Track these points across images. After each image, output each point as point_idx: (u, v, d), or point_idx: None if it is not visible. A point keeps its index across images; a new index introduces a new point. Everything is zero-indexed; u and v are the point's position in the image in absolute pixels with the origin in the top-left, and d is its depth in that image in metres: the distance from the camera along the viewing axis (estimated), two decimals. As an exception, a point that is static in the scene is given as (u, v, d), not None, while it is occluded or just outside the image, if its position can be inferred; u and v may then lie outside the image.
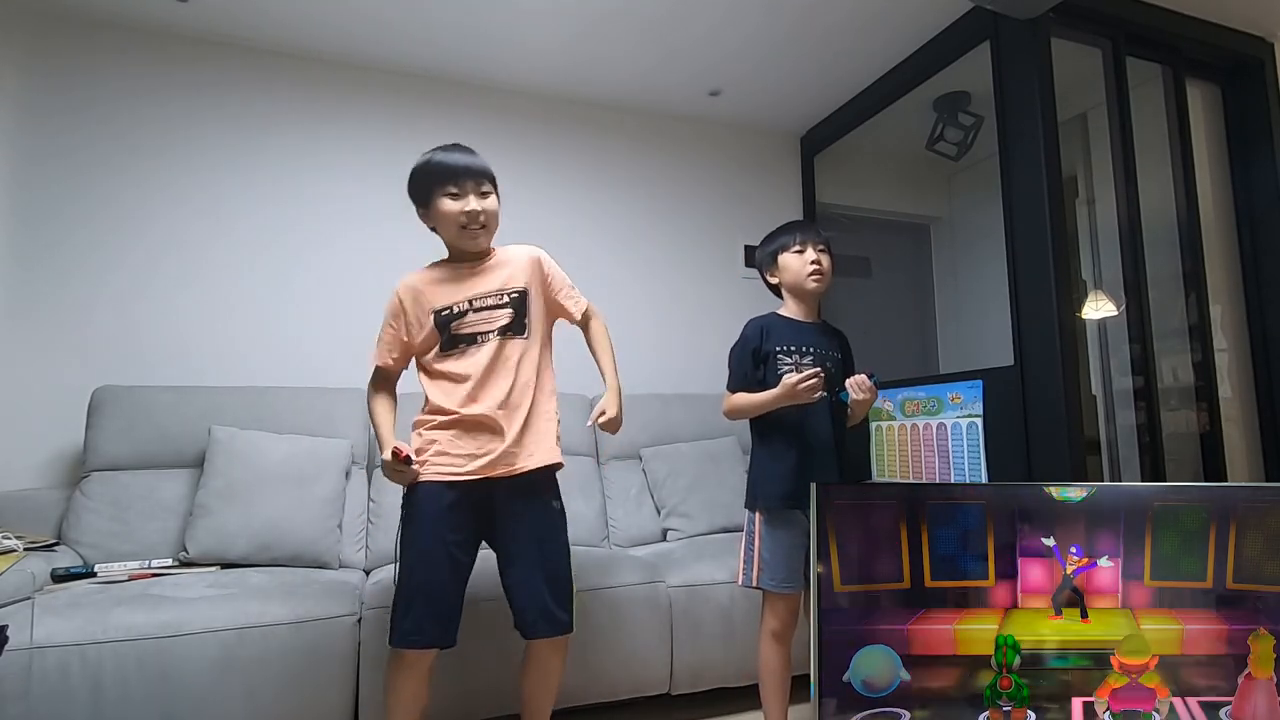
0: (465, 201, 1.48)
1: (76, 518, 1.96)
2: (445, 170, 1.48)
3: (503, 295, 1.52)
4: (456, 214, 1.48)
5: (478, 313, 1.50)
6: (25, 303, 2.20)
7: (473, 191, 1.49)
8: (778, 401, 1.58)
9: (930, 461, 2.37)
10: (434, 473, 1.44)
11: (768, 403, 1.59)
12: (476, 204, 1.48)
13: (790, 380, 1.54)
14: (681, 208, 3.11)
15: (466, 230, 1.49)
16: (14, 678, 1.38)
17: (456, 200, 1.48)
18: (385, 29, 2.44)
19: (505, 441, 1.45)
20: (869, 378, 1.61)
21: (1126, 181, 2.30)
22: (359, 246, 2.60)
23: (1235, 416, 2.47)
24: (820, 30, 2.49)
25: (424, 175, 1.51)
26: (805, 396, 1.55)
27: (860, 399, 1.62)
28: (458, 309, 1.50)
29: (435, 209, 1.50)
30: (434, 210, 1.50)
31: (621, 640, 1.87)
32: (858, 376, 1.62)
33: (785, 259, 1.70)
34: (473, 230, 1.49)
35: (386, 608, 1.68)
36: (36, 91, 2.26)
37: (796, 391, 1.54)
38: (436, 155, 1.51)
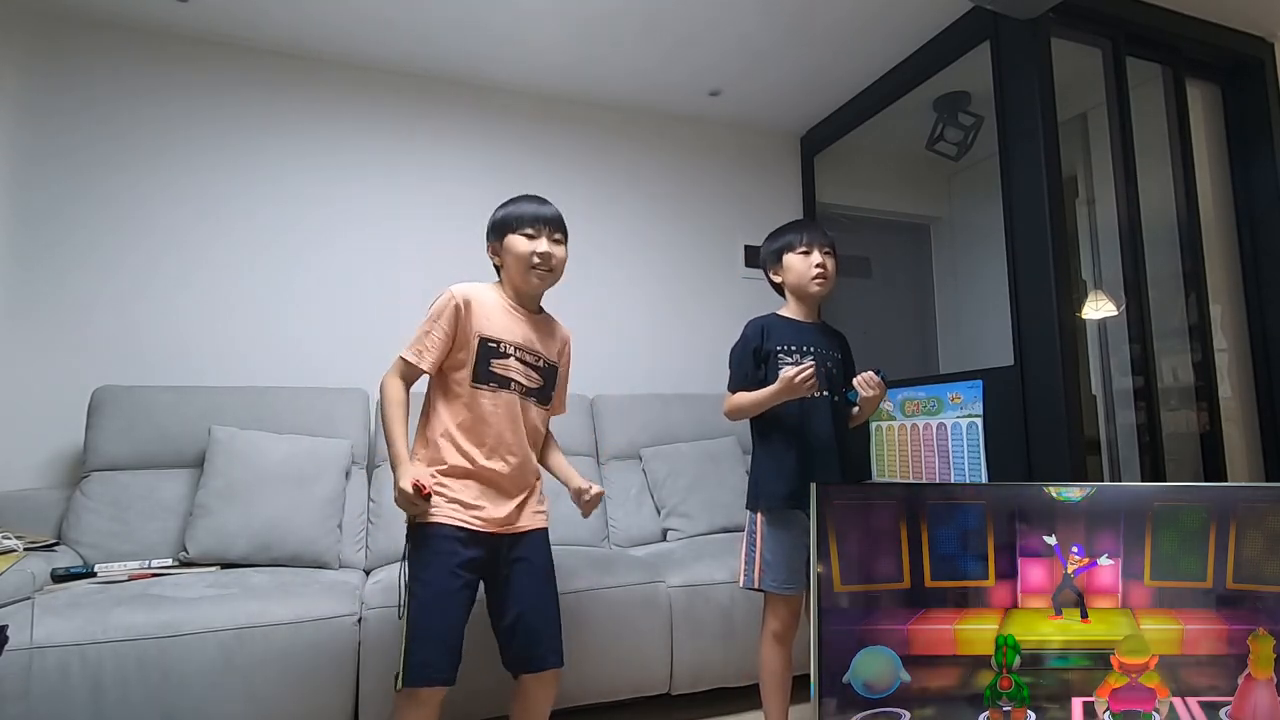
0: (539, 243, 1.51)
1: (76, 518, 1.96)
2: (526, 216, 1.52)
3: (542, 360, 1.56)
4: (528, 253, 1.50)
5: (520, 362, 1.52)
6: (25, 303, 2.20)
7: (547, 236, 1.52)
8: (777, 397, 1.57)
9: (930, 461, 2.37)
10: (447, 516, 1.43)
11: (767, 399, 1.59)
12: (548, 247, 1.52)
13: (788, 374, 1.54)
14: (681, 208, 3.11)
15: (534, 270, 1.51)
16: (14, 678, 1.38)
17: (530, 240, 1.51)
18: (385, 29, 2.45)
19: (512, 505, 1.49)
20: (876, 374, 1.62)
21: (1126, 181, 2.30)
22: (359, 246, 2.60)
23: (1235, 416, 2.47)
24: (820, 30, 2.49)
25: (511, 210, 1.54)
26: (802, 390, 1.54)
27: (870, 395, 1.63)
28: (504, 348, 1.50)
29: (507, 244, 1.52)
30: (506, 244, 1.52)
31: (621, 640, 1.87)
32: (866, 374, 1.63)
33: (790, 259, 1.70)
34: (540, 271, 1.52)
35: (387, 608, 1.69)
36: (36, 91, 2.26)
37: (794, 385, 1.53)
38: (521, 203, 1.55)
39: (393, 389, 1.47)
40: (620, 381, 2.81)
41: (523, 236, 1.51)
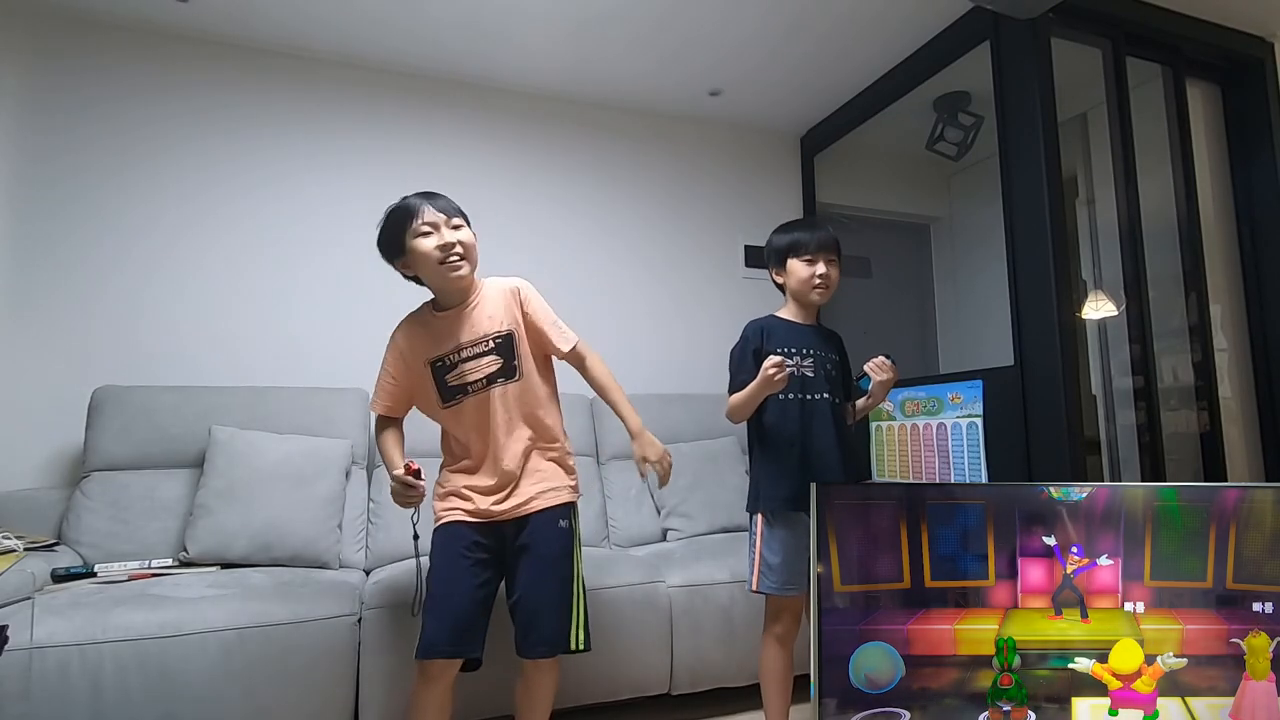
0: (440, 235, 1.45)
1: (76, 518, 1.96)
2: (411, 210, 1.46)
3: (487, 341, 1.51)
4: (432, 250, 1.44)
5: (466, 362, 1.50)
6: (25, 303, 2.20)
7: (444, 225, 1.46)
8: (761, 391, 1.56)
9: (930, 461, 2.37)
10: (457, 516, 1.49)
11: (754, 394, 1.58)
12: (451, 235, 1.46)
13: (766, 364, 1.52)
14: (681, 208, 3.11)
15: (446, 264, 1.45)
16: (14, 678, 1.38)
17: (429, 237, 1.45)
18: (385, 29, 2.45)
19: (512, 492, 1.50)
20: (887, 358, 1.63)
21: (1126, 181, 2.30)
22: (359, 246, 2.58)
23: (1235, 416, 2.48)
24: (820, 30, 2.49)
25: (391, 223, 1.48)
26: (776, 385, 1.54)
27: (882, 379, 1.64)
28: (450, 360, 1.50)
29: (411, 251, 1.46)
30: (409, 254, 1.46)
31: (621, 640, 1.87)
32: (877, 358, 1.64)
33: (794, 264, 1.69)
34: (453, 263, 1.45)
35: (387, 608, 1.69)
36: (37, 91, 2.26)
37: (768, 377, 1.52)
38: (401, 202, 1.50)
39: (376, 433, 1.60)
40: (620, 381, 2.79)
41: (420, 237, 1.45)
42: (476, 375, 1.50)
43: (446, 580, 1.44)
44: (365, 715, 1.65)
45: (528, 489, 1.51)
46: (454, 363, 1.50)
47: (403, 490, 1.42)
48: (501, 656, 1.56)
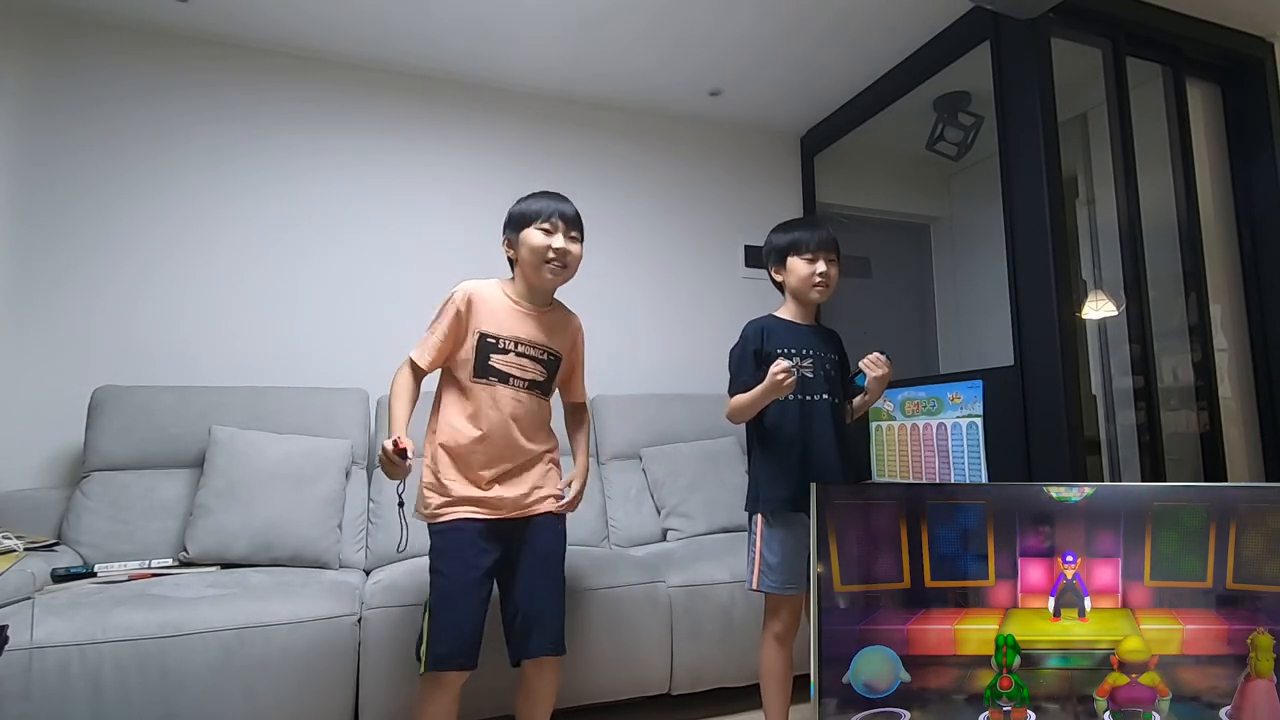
0: (554, 238, 1.52)
1: (76, 518, 1.96)
2: (549, 208, 1.54)
3: (545, 351, 1.57)
4: (544, 248, 1.51)
5: (519, 356, 1.54)
6: (26, 303, 2.20)
7: (563, 232, 1.53)
8: (767, 395, 1.56)
9: (930, 461, 2.37)
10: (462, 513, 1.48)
11: (759, 396, 1.58)
12: (564, 243, 1.53)
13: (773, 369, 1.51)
14: (681, 208, 3.11)
15: (548, 265, 1.52)
16: (14, 678, 1.38)
17: (547, 235, 1.52)
18: (385, 29, 2.45)
19: (517, 489, 1.52)
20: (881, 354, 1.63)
21: (1126, 181, 2.30)
22: (359, 246, 2.60)
23: (1235, 416, 2.48)
24: (820, 30, 2.49)
25: (531, 203, 1.56)
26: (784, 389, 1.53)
27: (878, 374, 1.64)
28: (504, 344, 1.53)
29: (523, 238, 1.52)
30: (521, 239, 1.53)
31: (621, 640, 1.87)
32: (872, 355, 1.63)
33: (794, 262, 1.69)
34: (554, 267, 1.53)
35: (387, 608, 1.69)
36: (37, 91, 2.26)
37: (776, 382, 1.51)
38: (540, 199, 1.56)
39: (398, 380, 1.53)
40: (620, 381, 2.80)
41: (539, 231, 1.52)
42: (522, 374, 1.54)
43: (459, 588, 1.44)
44: (365, 715, 1.65)
45: (532, 493, 1.53)
46: (506, 349, 1.52)
47: (389, 464, 1.41)
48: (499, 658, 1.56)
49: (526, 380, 1.54)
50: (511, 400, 1.52)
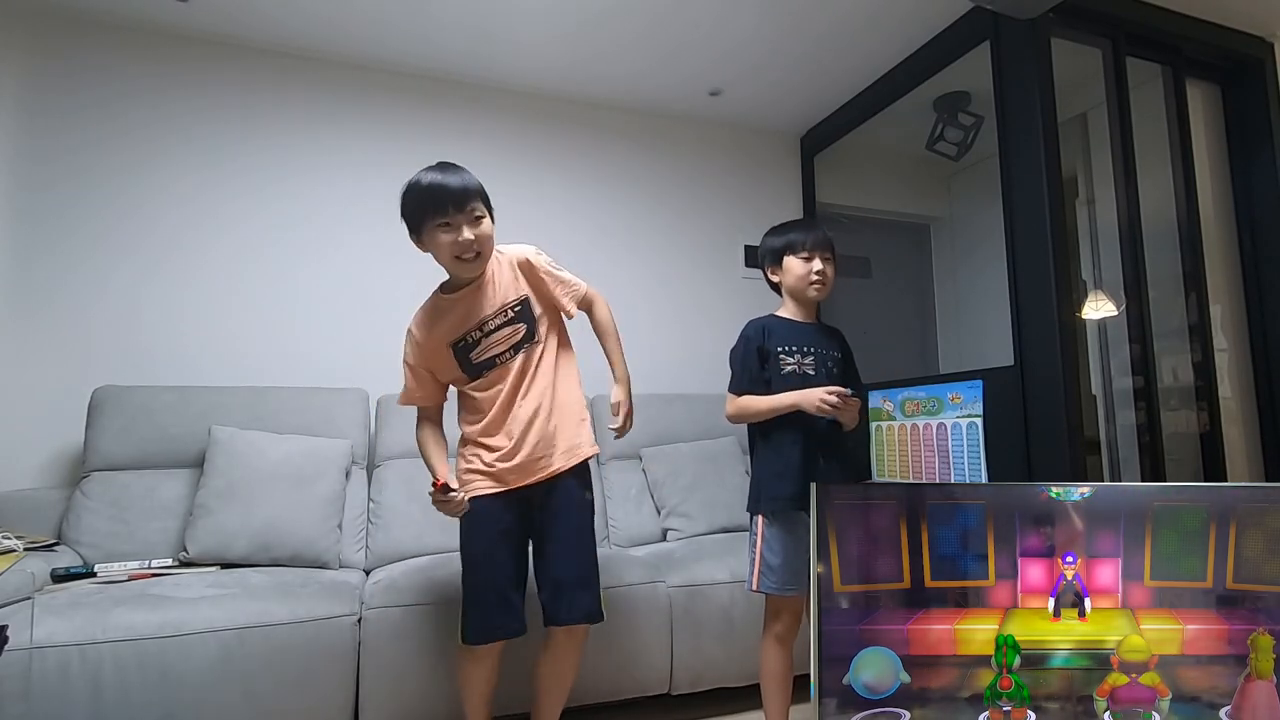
0: (458, 232, 1.45)
1: (76, 518, 1.96)
2: (435, 200, 1.44)
3: (506, 311, 1.54)
4: (450, 244, 1.46)
5: (489, 335, 1.53)
6: (26, 303, 2.20)
7: (465, 221, 1.45)
8: (792, 406, 1.57)
9: (930, 461, 2.37)
10: (480, 489, 1.50)
11: (782, 406, 1.59)
12: (469, 233, 1.45)
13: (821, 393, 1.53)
14: (681, 208, 3.11)
15: (461, 260, 1.48)
16: (14, 678, 1.38)
17: (449, 231, 1.45)
18: (385, 29, 2.45)
19: (534, 449, 1.51)
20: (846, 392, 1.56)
21: (1126, 181, 2.30)
22: (359, 246, 2.60)
23: (1235, 416, 2.47)
24: (820, 30, 2.49)
25: (415, 203, 1.47)
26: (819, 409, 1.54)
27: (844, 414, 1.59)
28: (472, 338, 1.53)
29: (429, 241, 1.49)
30: (426, 242, 1.50)
31: (621, 640, 1.87)
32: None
33: (790, 262, 1.69)
34: (467, 259, 1.49)
35: (387, 608, 1.69)
36: (37, 92, 2.26)
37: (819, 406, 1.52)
38: (425, 178, 1.46)
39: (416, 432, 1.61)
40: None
41: (440, 229, 1.45)
42: (503, 346, 1.53)
43: (485, 564, 1.49)
44: (365, 715, 1.65)
45: (550, 450, 1.53)
46: (477, 339, 1.53)
47: (442, 505, 1.45)
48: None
49: (510, 347, 1.53)
50: (505, 373, 1.52)
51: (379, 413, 2.37)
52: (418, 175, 1.48)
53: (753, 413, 1.64)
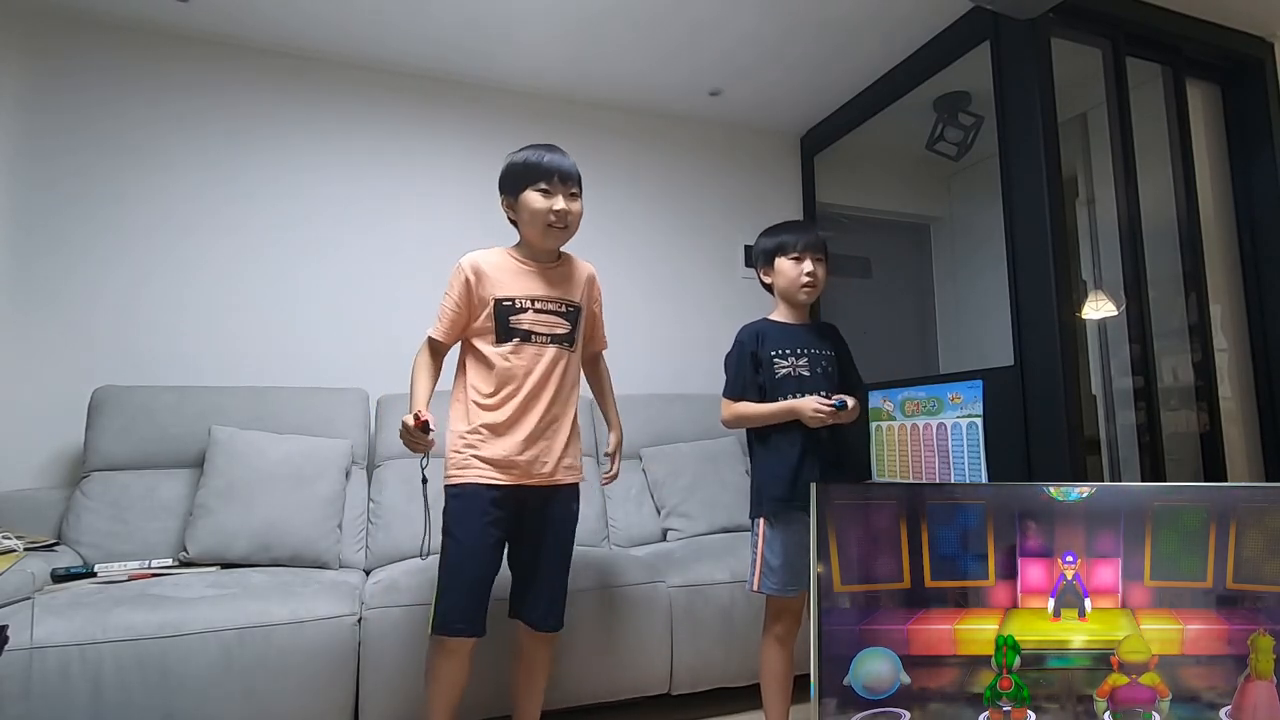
0: (555, 200, 1.50)
1: (76, 518, 1.96)
2: (541, 168, 1.51)
3: (563, 305, 1.57)
4: (545, 210, 1.50)
5: (538, 314, 1.53)
6: (26, 303, 2.20)
7: (562, 192, 1.52)
8: (785, 416, 1.59)
9: (930, 461, 2.37)
10: (476, 477, 1.47)
11: (775, 414, 1.60)
12: (565, 204, 1.51)
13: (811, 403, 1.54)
14: (681, 208, 3.11)
15: (551, 229, 1.52)
16: (14, 678, 1.38)
17: (547, 197, 1.50)
18: (385, 29, 2.44)
19: (542, 452, 1.51)
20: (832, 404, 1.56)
21: (1126, 181, 2.30)
22: (359, 246, 2.60)
23: (1235, 416, 2.47)
24: (820, 30, 2.49)
25: (520, 168, 1.52)
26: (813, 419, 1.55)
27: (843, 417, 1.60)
28: (520, 304, 1.52)
29: (522, 201, 1.51)
30: (521, 202, 1.52)
31: (621, 640, 1.87)
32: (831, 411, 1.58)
33: (782, 264, 1.70)
34: (556, 229, 1.52)
35: (387, 608, 1.69)
36: (36, 92, 2.26)
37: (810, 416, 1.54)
38: (535, 153, 1.53)
39: (419, 358, 1.56)
40: (620, 381, 2.76)
41: (538, 193, 1.50)
42: (544, 330, 1.53)
43: (471, 559, 1.46)
44: (365, 715, 1.65)
45: (557, 458, 1.54)
46: (523, 308, 1.52)
47: (410, 438, 1.42)
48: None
49: (550, 335, 1.53)
50: (538, 357, 1.51)
51: (379, 413, 2.37)
52: (526, 149, 1.55)
53: (748, 419, 1.65)
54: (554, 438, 1.53)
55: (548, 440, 1.52)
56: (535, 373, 1.51)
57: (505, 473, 1.48)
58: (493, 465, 1.47)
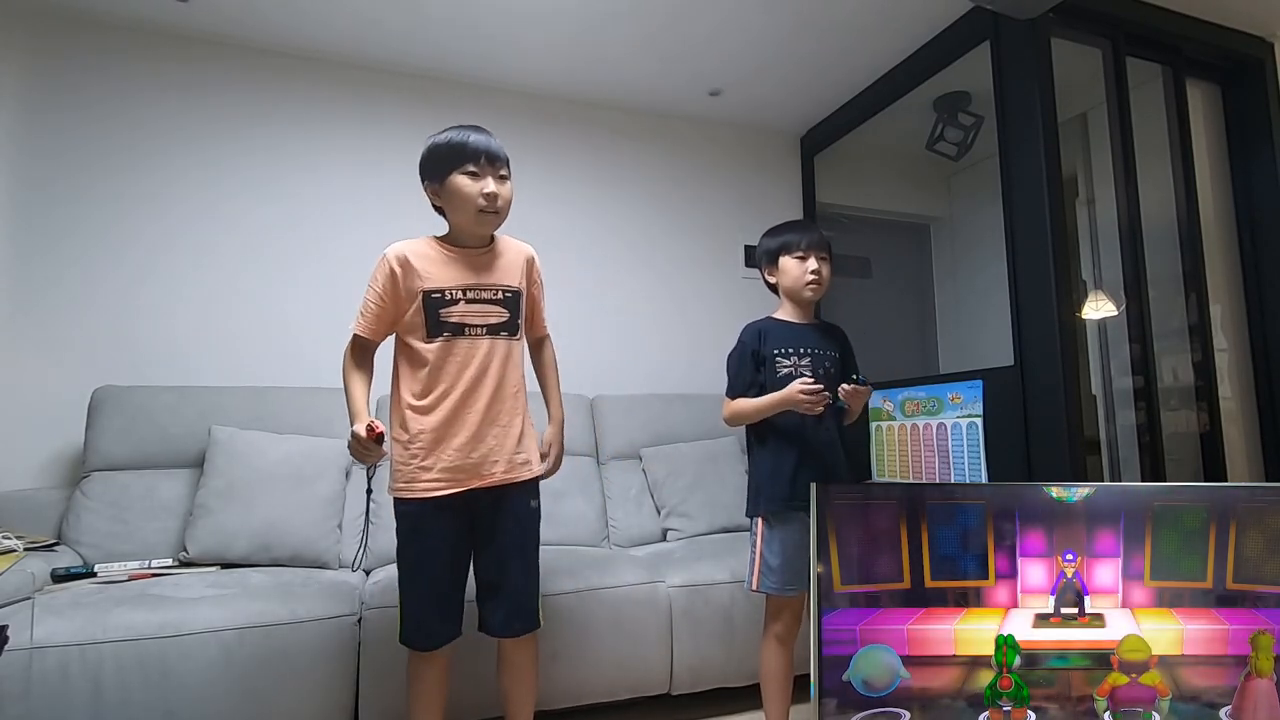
0: (484, 183, 1.42)
1: (76, 518, 1.96)
2: (467, 149, 1.42)
3: (498, 291, 1.48)
4: (475, 194, 1.41)
5: (470, 304, 1.44)
6: (25, 303, 2.20)
7: (491, 174, 1.43)
8: (778, 406, 1.58)
9: (930, 461, 2.37)
10: (424, 490, 1.40)
11: (768, 407, 1.59)
12: (495, 186, 1.43)
13: (796, 386, 1.54)
14: (682, 208, 3.11)
15: (483, 214, 1.43)
16: (14, 678, 1.38)
17: (475, 180, 1.42)
18: (385, 29, 2.44)
19: (491, 450, 1.44)
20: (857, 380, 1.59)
21: (1126, 181, 2.30)
22: (358, 246, 2.59)
23: (1235, 416, 2.47)
24: (820, 30, 2.49)
25: (443, 151, 1.43)
26: (805, 408, 1.55)
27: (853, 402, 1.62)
28: (450, 295, 1.43)
29: (450, 186, 1.42)
30: (447, 187, 1.43)
31: (621, 640, 1.87)
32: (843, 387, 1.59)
33: (786, 262, 1.70)
34: (488, 214, 1.44)
35: (387, 608, 1.69)
36: (36, 91, 2.26)
37: (798, 400, 1.53)
38: (458, 133, 1.43)
39: (347, 360, 1.50)
40: (620, 381, 2.81)
41: (466, 176, 1.41)
42: (480, 320, 1.45)
43: (420, 572, 1.42)
44: (365, 715, 1.65)
45: (509, 455, 1.46)
46: (454, 299, 1.43)
47: (362, 450, 1.38)
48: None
49: (486, 326, 1.45)
50: (472, 351, 1.43)
51: (378, 412, 2.36)
52: (447, 130, 1.45)
53: (745, 415, 1.64)
54: (504, 434, 1.45)
55: (496, 438, 1.44)
56: (471, 368, 1.42)
57: (453, 478, 1.40)
58: (439, 474, 1.40)
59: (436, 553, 1.43)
